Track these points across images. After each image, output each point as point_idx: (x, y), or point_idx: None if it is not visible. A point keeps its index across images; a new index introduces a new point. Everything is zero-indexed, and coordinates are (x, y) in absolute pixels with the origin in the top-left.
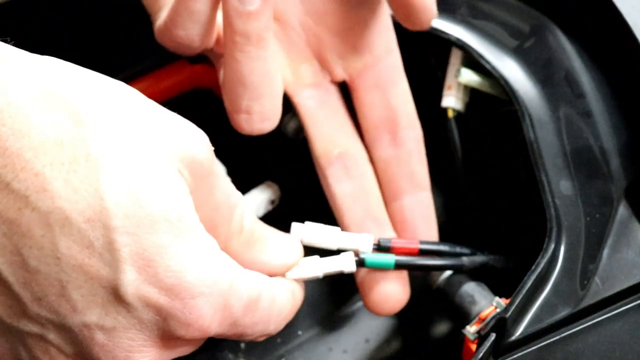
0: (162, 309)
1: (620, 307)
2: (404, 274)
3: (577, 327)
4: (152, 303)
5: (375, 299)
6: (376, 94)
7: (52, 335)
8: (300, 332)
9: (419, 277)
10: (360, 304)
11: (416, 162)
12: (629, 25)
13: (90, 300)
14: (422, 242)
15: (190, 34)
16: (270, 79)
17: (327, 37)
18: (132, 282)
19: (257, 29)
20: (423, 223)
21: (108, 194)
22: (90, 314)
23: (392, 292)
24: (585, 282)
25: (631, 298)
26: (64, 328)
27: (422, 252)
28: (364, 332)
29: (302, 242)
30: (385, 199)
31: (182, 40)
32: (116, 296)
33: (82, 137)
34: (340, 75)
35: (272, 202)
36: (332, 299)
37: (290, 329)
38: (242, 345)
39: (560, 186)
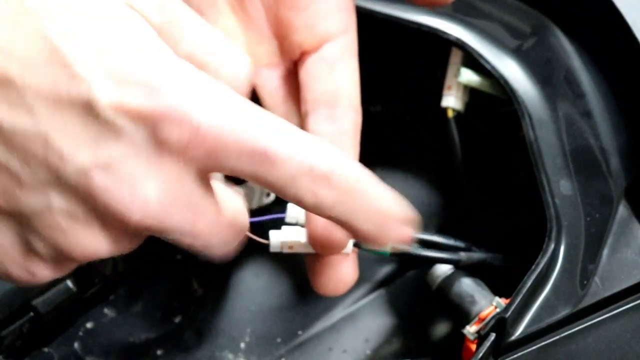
0: (146, 114)
1: (620, 307)
2: (352, 256)
3: (577, 327)
4: (132, 108)
5: (324, 281)
6: (323, 67)
7: (55, 200)
8: (300, 332)
9: (419, 277)
10: (360, 303)
11: (348, 143)
12: (629, 25)
13: (74, 142)
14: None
15: None
16: None
17: (286, 14)
18: (104, 89)
19: None
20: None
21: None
22: (79, 155)
23: (342, 274)
24: (585, 282)
25: (631, 298)
26: (62, 185)
27: (418, 242)
28: (363, 332)
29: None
30: None
31: None
32: (94, 116)
33: None
34: (297, 53)
35: (268, 194)
36: (332, 299)
37: (290, 328)
38: (242, 345)
39: (560, 186)
